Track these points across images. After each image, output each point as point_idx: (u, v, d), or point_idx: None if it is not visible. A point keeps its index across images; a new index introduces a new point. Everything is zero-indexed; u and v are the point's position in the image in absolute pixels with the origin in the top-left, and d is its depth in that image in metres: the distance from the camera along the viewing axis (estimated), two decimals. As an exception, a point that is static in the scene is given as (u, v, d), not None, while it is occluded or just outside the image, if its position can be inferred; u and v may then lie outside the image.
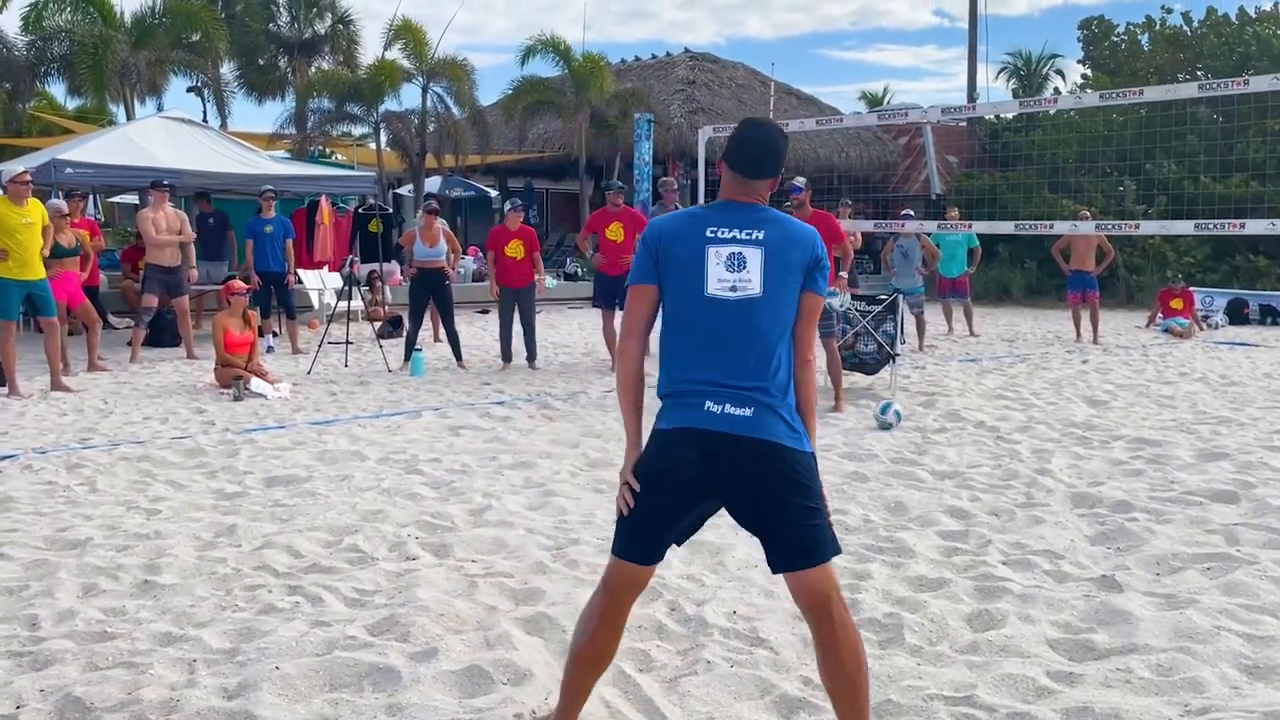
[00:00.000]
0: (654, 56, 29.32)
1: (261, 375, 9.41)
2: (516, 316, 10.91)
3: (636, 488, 2.78)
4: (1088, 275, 13.54)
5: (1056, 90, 28.44)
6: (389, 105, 22.65)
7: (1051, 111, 19.31)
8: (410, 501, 5.57)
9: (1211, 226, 8.80)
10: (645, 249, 2.88)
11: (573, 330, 15.20)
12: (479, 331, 14.78)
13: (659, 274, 2.84)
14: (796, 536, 2.70)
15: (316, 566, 4.48)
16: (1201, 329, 15.22)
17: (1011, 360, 11.78)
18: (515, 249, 10.78)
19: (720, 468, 2.70)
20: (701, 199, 11.63)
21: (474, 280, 19.22)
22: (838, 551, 2.77)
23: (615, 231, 10.66)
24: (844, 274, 8.71)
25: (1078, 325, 13.89)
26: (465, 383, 10.01)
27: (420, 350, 10.85)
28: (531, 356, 11.04)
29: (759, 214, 2.83)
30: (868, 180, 25.54)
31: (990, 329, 15.55)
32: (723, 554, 4.58)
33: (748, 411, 2.69)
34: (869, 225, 12.81)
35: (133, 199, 20.05)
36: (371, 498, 5.66)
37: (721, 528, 4.94)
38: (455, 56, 23.20)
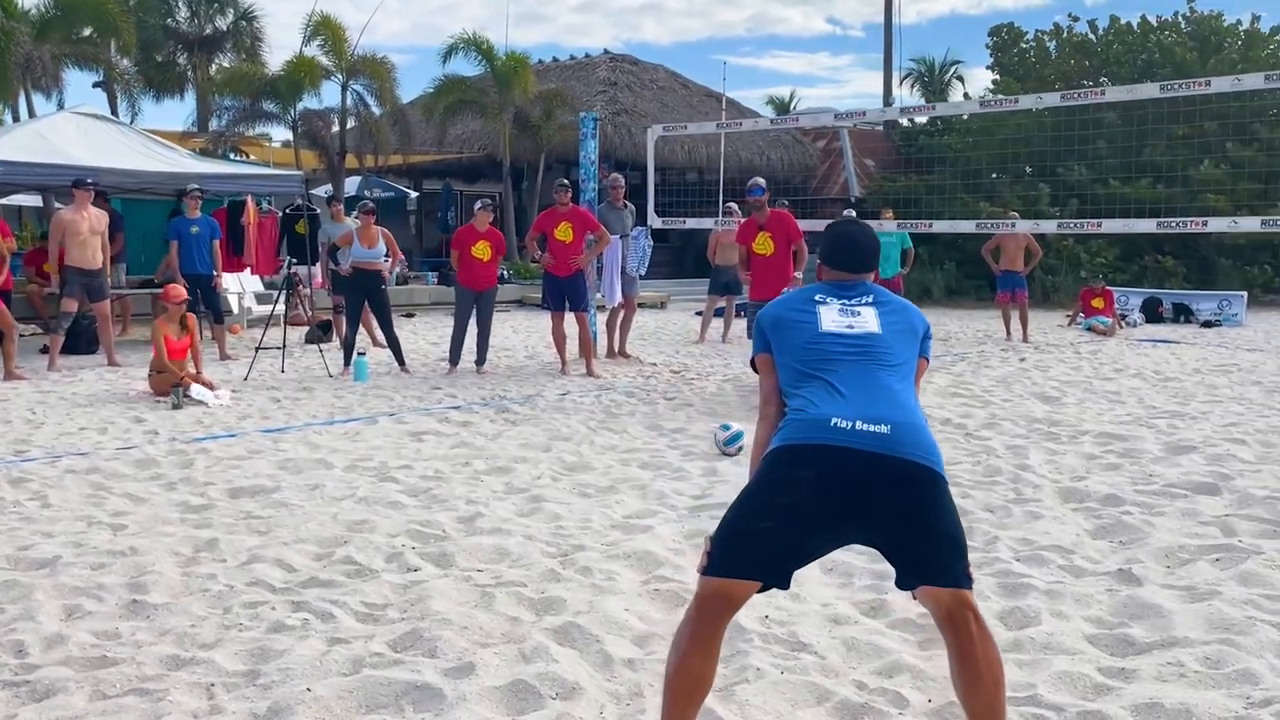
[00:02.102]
0: (572, 58, 29.19)
1: (205, 382, 9.02)
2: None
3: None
4: (1017, 275, 13.85)
5: (967, 95, 29.08)
6: (307, 103, 22.08)
7: (1012, 110, 19.65)
8: (393, 510, 5.36)
9: (1175, 225, 9.05)
10: (759, 330, 2.97)
11: (507, 334, 14.97)
12: (408, 335, 14.45)
13: (772, 344, 2.90)
14: (932, 555, 2.61)
15: (315, 580, 4.26)
16: (1121, 327, 15.69)
17: (951, 359, 11.96)
18: (482, 250, 10.56)
19: (847, 489, 2.57)
20: (651, 200, 11.54)
21: (397, 284, 18.83)
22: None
23: (564, 232, 10.50)
24: (799, 274, 8.74)
25: (1007, 324, 14.19)
26: (413, 387, 9.76)
27: (364, 354, 10.55)
28: (481, 360, 10.83)
29: (865, 287, 2.97)
30: (788, 182, 25.78)
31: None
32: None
33: (884, 429, 2.59)
34: (820, 225, 12.88)
35: (34, 200, 19.12)
36: (350, 507, 5.44)
37: (726, 530, 4.88)
38: (375, 54, 22.74)
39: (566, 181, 10.85)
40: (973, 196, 21.49)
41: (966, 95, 29.29)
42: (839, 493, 2.57)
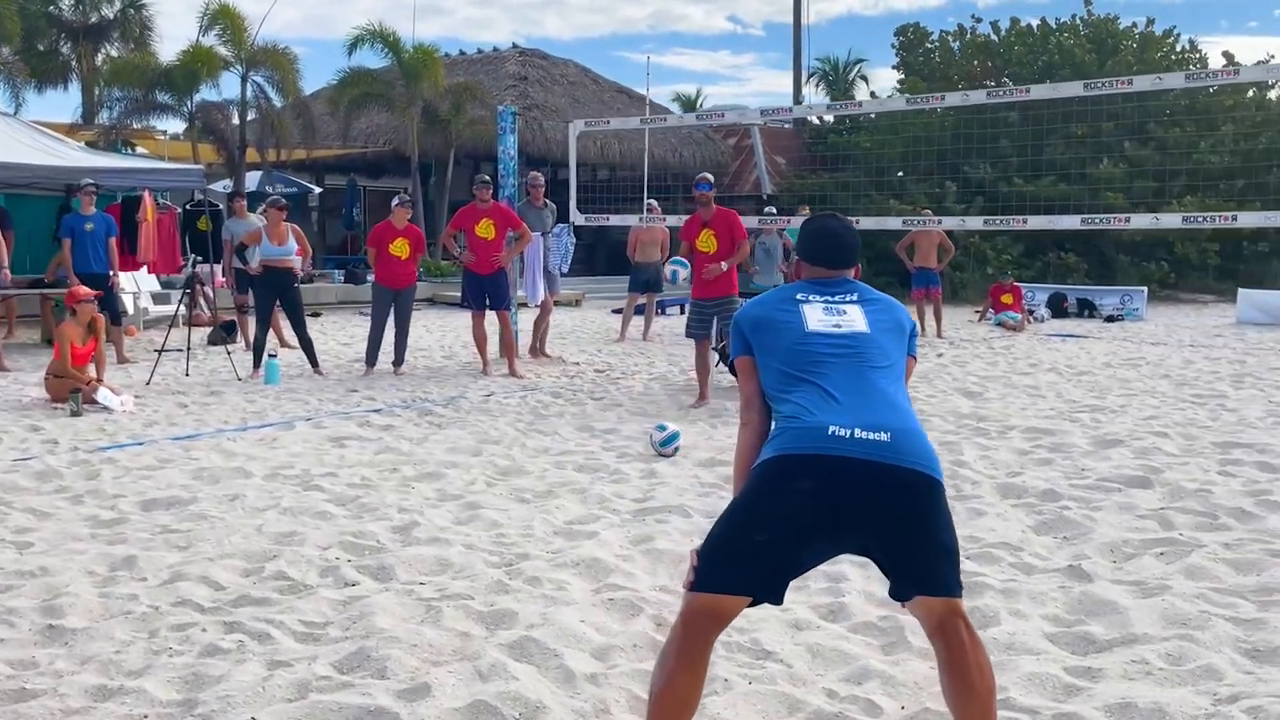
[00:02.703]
0: (480, 51, 28.80)
1: (109, 387, 8.58)
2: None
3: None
4: (931, 272, 14.06)
5: (874, 94, 29.50)
6: (205, 95, 21.33)
7: (939, 109, 19.92)
8: (322, 521, 5.12)
9: (1102, 220, 9.24)
10: (738, 331, 2.85)
11: (420, 334, 14.64)
12: (315, 335, 14.01)
13: (754, 344, 2.78)
14: (929, 565, 2.54)
15: (246, 599, 4.02)
16: (1030, 322, 16.06)
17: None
18: (400, 248, 10.26)
19: (846, 499, 2.47)
20: (573, 197, 11.37)
21: (302, 283, 18.31)
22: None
23: (485, 229, 10.26)
24: (724, 265, 8.65)
25: (922, 320, 14.39)
26: (329, 390, 9.44)
27: (275, 356, 10.18)
28: (399, 361, 10.54)
29: (848, 284, 2.85)
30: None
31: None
32: (687, 562, 4.37)
33: (884, 436, 2.48)
34: (754, 221, 12.85)
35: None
36: (275, 518, 5.18)
37: (673, 535, 4.78)
38: (276, 44, 22.07)
39: (487, 178, 10.62)
40: (882, 194, 21.80)
41: (873, 94, 29.71)
42: (839, 502, 2.47)
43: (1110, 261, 21.43)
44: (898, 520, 2.48)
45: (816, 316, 2.72)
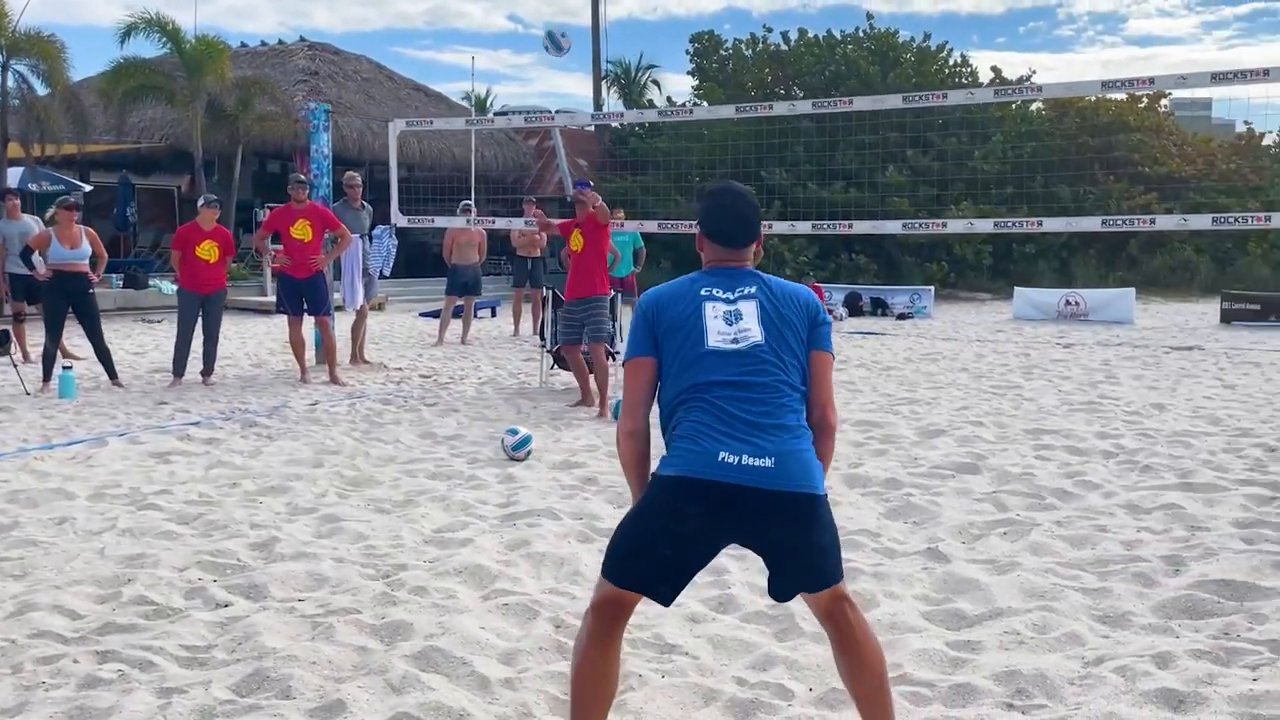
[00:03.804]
0: (263, 44, 27.68)
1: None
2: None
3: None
4: (742, 273, 14.50)
5: (670, 100, 30.22)
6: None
7: (770, 114, 20.39)
8: (170, 541, 4.85)
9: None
10: (643, 320, 2.84)
11: (219, 341, 13.94)
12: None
13: (657, 342, 2.80)
14: (802, 571, 2.72)
15: (112, 626, 3.77)
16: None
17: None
18: (208, 251, 9.73)
19: (735, 519, 2.66)
20: (395, 198, 11.11)
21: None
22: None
23: (301, 230, 9.91)
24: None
25: (735, 319, 14.84)
26: (134, 403, 8.88)
27: (70, 368, 9.48)
28: (208, 370, 10.02)
29: (746, 275, 2.87)
30: (501, 181, 25.77)
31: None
32: (570, 564, 4.43)
33: (768, 462, 2.62)
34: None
35: None
36: (115, 541, 4.86)
37: (549, 538, 4.80)
38: (42, 30, 20.45)
39: (303, 177, 10.27)
40: (685, 198, 22.35)
41: (670, 100, 30.42)
42: (730, 524, 2.68)
43: (897, 262, 22.78)
44: (783, 536, 2.68)
45: (716, 329, 2.76)
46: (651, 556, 2.68)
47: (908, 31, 43.07)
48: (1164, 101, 27.16)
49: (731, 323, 2.78)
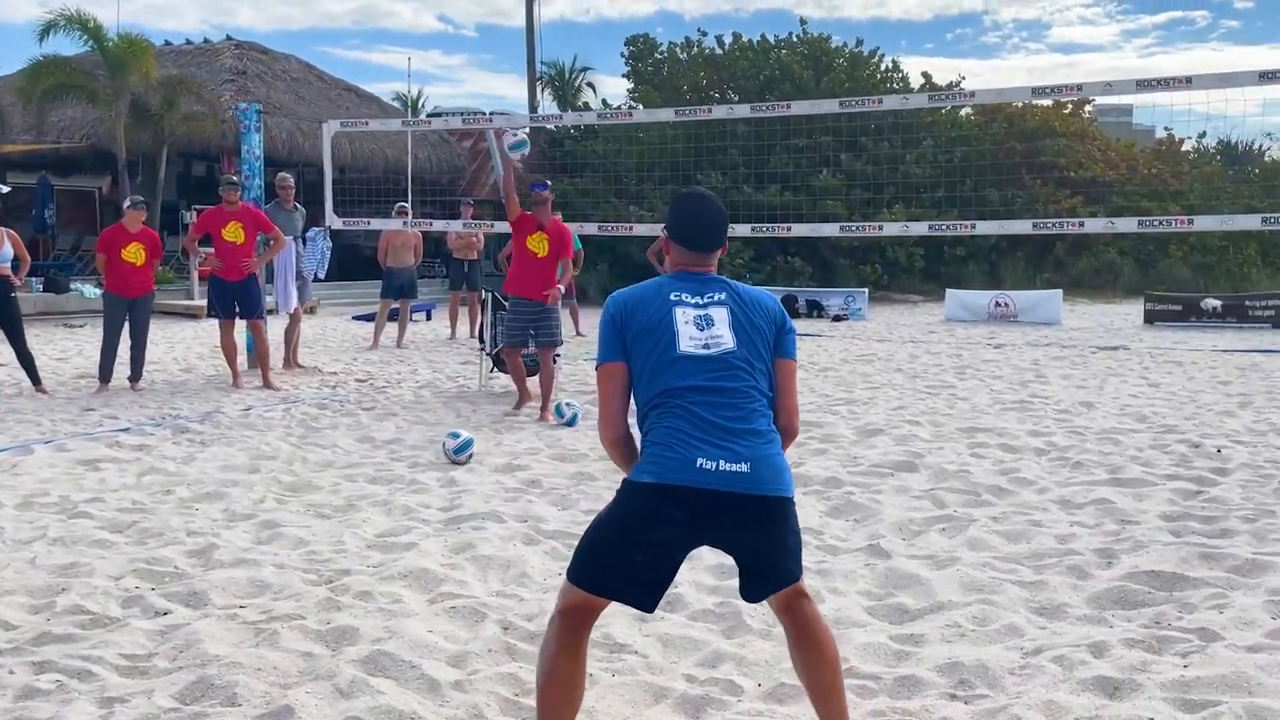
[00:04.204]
0: (188, 42, 27.16)
1: None
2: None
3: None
4: (679, 275, 14.58)
5: (606, 102, 30.23)
6: None
7: (713, 116, 20.34)
8: (104, 550, 4.75)
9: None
10: (611, 325, 2.84)
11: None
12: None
13: (627, 347, 2.81)
14: (772, 570, 2.78)
15: (48, 636, 3.68)
16: (766, 322, 17.01)
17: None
18: (134, 253, 9.51)
19: (713, 523, 2.70)
20: (329, 199, 10.98)
21: None
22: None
23: (233, 232, 9.74)
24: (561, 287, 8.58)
25: (672, 322, 14.91)
26: (60, 409, 8.66)
27: (-7, 374, 9.22)
28: (136, 376, 9.80)
29: (715, 281, 2.89)
30: (435, 183, 25.55)
31: (591, 329, 16.22)
32: (516, 566, 4.42)
33: (744, 467, 2.67)
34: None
35: None
36: (46, 550, 4.74)
37: (494, 541, 4.78)
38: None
39: (235, 178, 10.10)
40: (621, 200, 22.40)
41: (605, 102, 30.44)
42: (706, 528, 2.73)
43: (831, 265, 23.06)
44: (754, 538, 2.73)
45: (688, 334, 2.77)
46: (629, 564, 2.68)
47: (840, 37, 43.58)
48: (1088, 107, 27.87)
49: (703, 328, 2.80)
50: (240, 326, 10.09)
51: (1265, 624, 3.69)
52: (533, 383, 8.95)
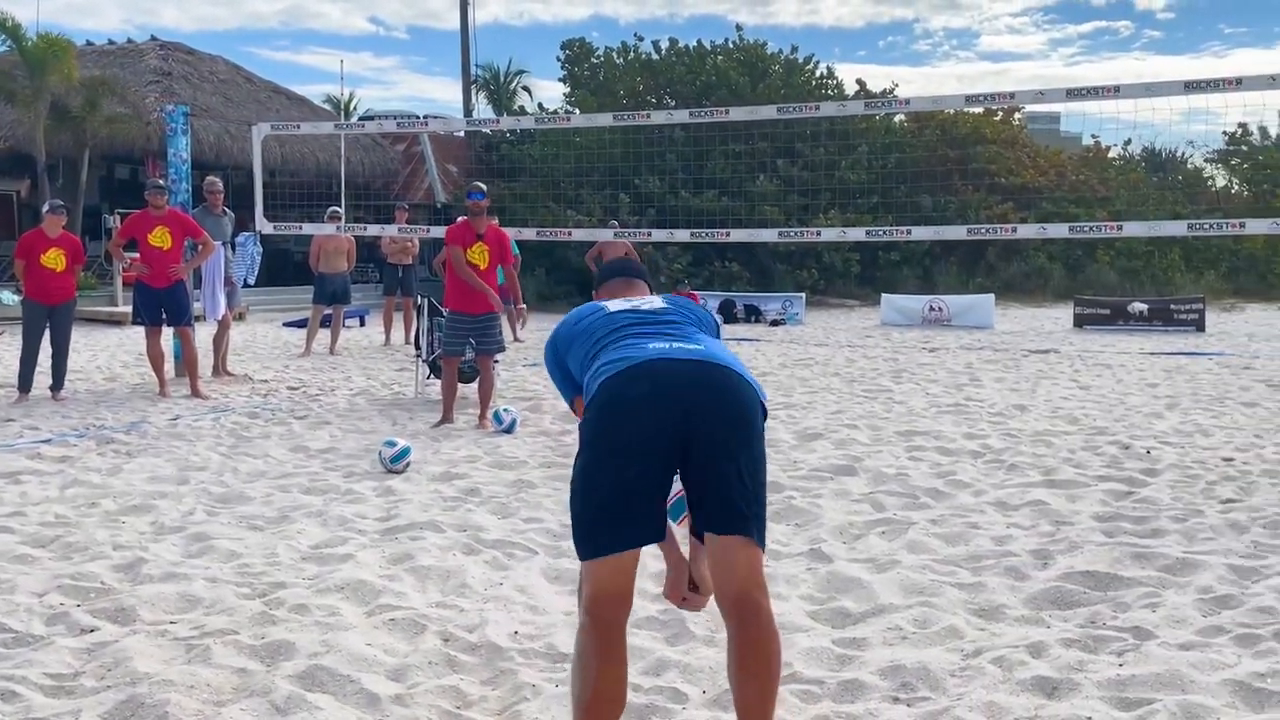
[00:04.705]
0: (111, 42, 26.55)
1: None
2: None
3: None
4: (618, 281, 14.58)
5: (542, 106, 30.12)
6: None
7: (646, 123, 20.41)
8: (25, 565, 4.59)
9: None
10: (553, 361, 2.92)
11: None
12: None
13: (571, 366, 2.84)
14: (731, 494, 2.55)
15: (-34, 657, 3.54)
16: (704, 327, 17.08)
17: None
18: (54, 259, 9.23)
19: (675, 397, 2.53)
20: (259, 204, 10.77)
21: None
22: (763, 541, 2.67)
23: (160, 237, 9.51)
24: (522, 305, 8.44)
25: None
26: (-22, 420, 8.38)
27: (-96, 384, 8.89)
28: (57, 385, 9.51)
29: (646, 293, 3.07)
30: (368, 186, 25.24)
31: (528, 334, 16.11)
32: (456, 576, 4.35)
33: (700, 346, 2.65)
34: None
35: None
36: (-37, 565, 4.57)
37: (433, 551, 4.71)
38: None
39: (161, 182, 9.87)
40: (558, 205, 22.33)
41: (541, 106, 30.36)
42: (671, 402, 2.52)
43: (768, 270, 23.21)
44: (719, 420, 2.54)
45: (617, 307, 2.88)
46: (623, 486, 2.50)
47: (775, 43, 43.99)
48: (1018, 115, 28.43)
49: (632, 303, 2.92)
50: (167, 334, 9.86)
51: (1197, 622, 3.77)
52: (471, 389, 8.87)
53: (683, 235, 9.73)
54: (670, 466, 2.58)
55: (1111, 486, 5.85)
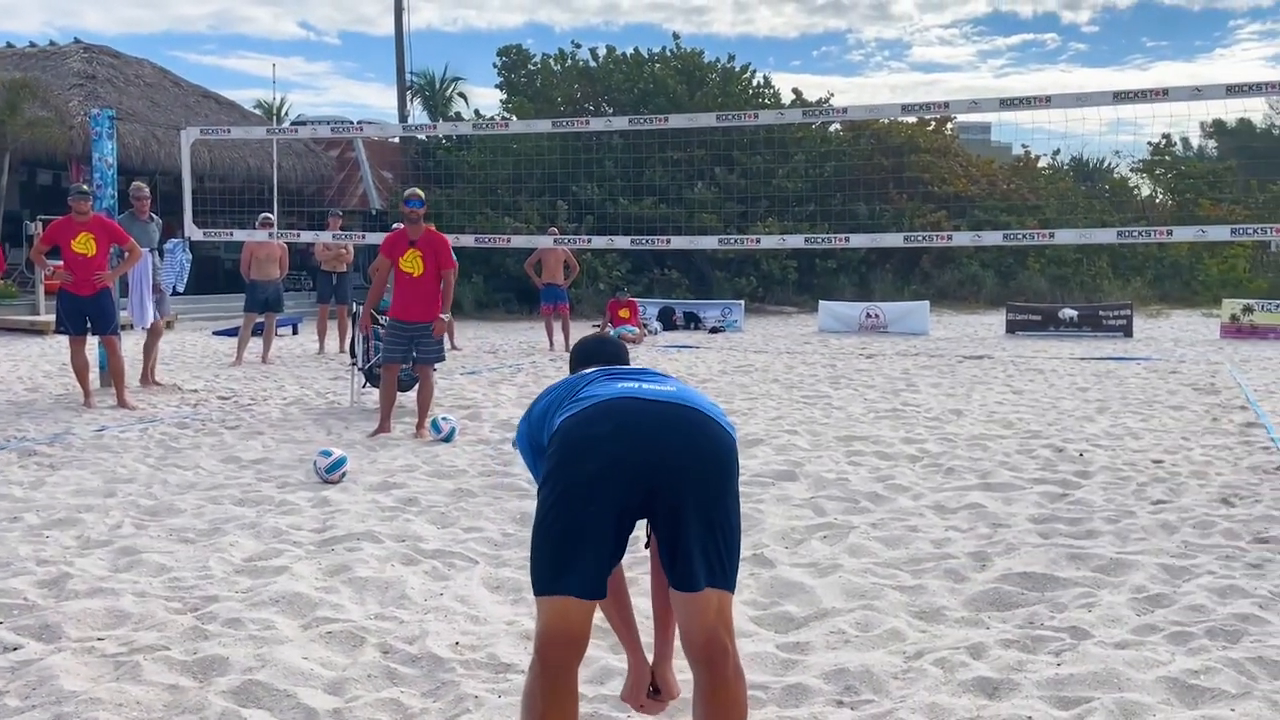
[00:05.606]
0: (32, 44, 25.90)
1: None
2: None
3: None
4: (558, 288, 14.56)
5: (479, 113, 29.95)
6: None
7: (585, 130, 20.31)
8: (-57, 581, 4.41)
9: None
10: (527, 446, 2.76)
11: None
12: None
13: (544, 436, 2.63)
14: (705, 553, 2.44)
15: (-121, 679, 3.39)
16: (645, 335, 17.08)
17: (510, 370, 12.27)
18: None
19: (642, 439, 2.39)
20: (188, 210, 10.54)
21: None
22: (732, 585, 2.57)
23: (84, 244, 9.24)
24: (445, 315, 8.29)
25: (550, 335, 14.85)
26: (-109, 432, 8.07)
27: None
28: (-24, 394, 9.21)
29: None
30: (301, 192, 24.88)
31: (465, 342, 16.01)
32: (395, 587, 4.27)
33: (671, 389, 2.56)
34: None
35: None
36: (-123, 584, 4.38)
37: (371, 562, 4.63)
38: None
39: (86, 187, 9.59)
40: (496, 212, 22.20)
41: (478, 112, 30.18)
42: (639, 439, 2.41)
43: (707, 277, 23.30)
44: (687, 465, 2.42)
45: (592, 369, 2.80)
46: (579, 526, 2.37)
47: (711, 52, 44.26)
48: (950, 125, 28.91)
49: (610, 368, 2.83)
50: (92, 343, 9.60)
51: (1131, 621, 3.83)
52: (407, 398, 8.75)
53: (623, 242, 9.71)
54: (629, 516, 2.45)
55: (1046, 489, 5.94)
